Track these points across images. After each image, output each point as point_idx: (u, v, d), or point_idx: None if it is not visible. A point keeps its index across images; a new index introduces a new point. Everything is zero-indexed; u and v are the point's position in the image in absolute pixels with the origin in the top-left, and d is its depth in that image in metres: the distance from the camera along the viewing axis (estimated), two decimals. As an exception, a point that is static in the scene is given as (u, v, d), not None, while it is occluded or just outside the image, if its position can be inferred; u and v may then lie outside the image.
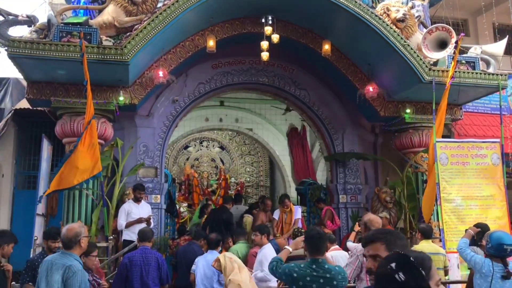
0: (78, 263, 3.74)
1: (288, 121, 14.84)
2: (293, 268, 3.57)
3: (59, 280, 3.60)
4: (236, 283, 4.42)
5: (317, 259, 3.59)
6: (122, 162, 8.24)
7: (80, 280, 3.61)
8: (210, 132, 16.78)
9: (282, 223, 8.50)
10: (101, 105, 7.80)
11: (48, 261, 3.78)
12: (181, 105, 9.40)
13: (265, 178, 17.28)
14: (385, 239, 2.19)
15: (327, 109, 10.12)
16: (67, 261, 3.68)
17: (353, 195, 9.91)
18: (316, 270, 3.53)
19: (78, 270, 3.65)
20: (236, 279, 4.44)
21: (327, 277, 3.51)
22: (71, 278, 3.58)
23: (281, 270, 3.68)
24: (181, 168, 16.48)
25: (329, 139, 10.18)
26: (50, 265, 3.72)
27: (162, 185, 8.99)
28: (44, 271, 3.73)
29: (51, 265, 3.71)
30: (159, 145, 9.16)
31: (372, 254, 2.18)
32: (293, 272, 3.55)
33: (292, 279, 3.55)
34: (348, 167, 10.01)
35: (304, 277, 3.51)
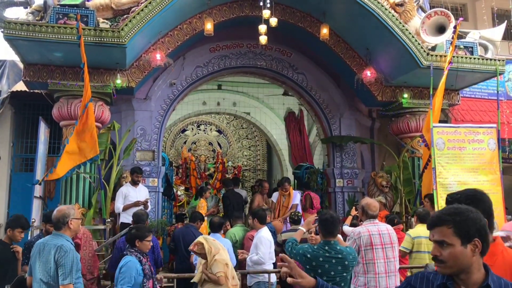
0: (70, 244, 3.74)
1: (285, 105, 14.81)
2: (307, 249, 3.79)
3: (51, 260, 3.61)
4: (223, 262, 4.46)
5: (330, 241, 3.81)
6: (119, 145, 8.23)
7: (72, 260, 3.60)
8: (208, 116, 16.73)
9: (280, 205, 8.54)
10: (98, 88, 7.77)
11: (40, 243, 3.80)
12: (178, 89, 9.36)
13: (263, 162, 17.31)
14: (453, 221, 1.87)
15: (325, 93, 10.11)
16: (58, 241, 3.69)
17: (350, 180, 9.94)
18: (329, 251, 3.75)
19: (70, 249, 3.65)
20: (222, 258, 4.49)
21: (339, 258, 3.73)
22: (63, 258, 3.58)
23: (295, 251, 3.87)
24: (179, 151, 16.47)
25: (326, 123, 10.18)
26: (42, 246, 3.73)
27: (159, 169, 9.00)
28: (36, 253, 3.74)
29: (43, 246, 3.72)
30: (156, 129, 9.15)
31: (437, 240, 1.89)
32: (307, 253, 3.77)
33: (306, 260, 3.75)
34: (345, 151, 10.03)
35: (317, 258, 3.73)
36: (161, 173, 9.10)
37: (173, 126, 16.04)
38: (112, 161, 8.09)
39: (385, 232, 4.48)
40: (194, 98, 14.24)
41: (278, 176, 15.57)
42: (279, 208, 8.55)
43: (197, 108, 14.61)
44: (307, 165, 11.94)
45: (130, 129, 8.66)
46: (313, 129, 14.43)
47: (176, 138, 16.75)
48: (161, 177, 9.13)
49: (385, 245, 4.40)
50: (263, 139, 17.09)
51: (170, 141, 16.59)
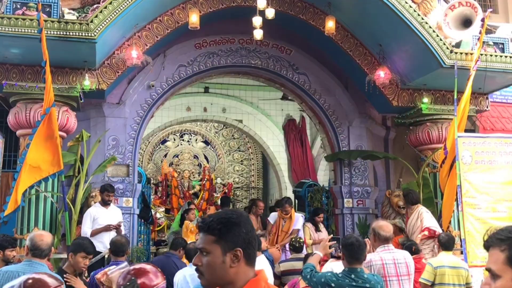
0: None
1: (284, 112, 14.84)
2: (331, 278, 3.89)
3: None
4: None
5: (356, 268, 3.91)
6: (88, 158, 8.19)
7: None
8: (192, 124, 16.75)
9: (278, 230, 8.52)
10: (62, 91, 7.75)
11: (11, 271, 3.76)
12: (158, 92, 9.37)
13: (257, 179, 17.31)
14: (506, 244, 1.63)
15: (331, 97, 10.14)
16: None
17: (360, 199, 9.95)
18: (355, 280, 3.84)
19: None
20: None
21: (366, 287, 3.83)
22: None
23: (316, 279, 3.97)
24: (158, 166, 16.45)
25: (332, 133, 10.22)
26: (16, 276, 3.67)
27: (134, 186, 8.98)
28: None
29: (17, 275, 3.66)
30: (131, 139, 9.15)
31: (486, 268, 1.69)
32: (331, 281, 3.86)
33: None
34: (355, 166, 10.06)
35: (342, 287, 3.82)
36: (137, 191, 9.06)
37: (152, 136, 16.03)
38: (78, 178, 8.07)
39: (401, 261, 4.48)
40: (176, 103, 14.25)
41: (276, 195, 15.57)
42: (277, 233, 8.54)
43: (180, 114, 14.63)
44: (310, 182, 11.95)
45: (101, 139, 8.64)
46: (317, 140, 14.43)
47: (155, 150, 16.73)
48: (136, 197, 9.08)
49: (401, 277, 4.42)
50: (258, 151, 17.10)
51: (147, 153, 16.57)
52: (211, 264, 1.92)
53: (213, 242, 1.92)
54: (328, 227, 10.03)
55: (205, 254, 1.93)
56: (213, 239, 1.93)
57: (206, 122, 16.48)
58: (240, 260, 1.92)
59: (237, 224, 1.94)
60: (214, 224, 1.94)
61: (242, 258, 1.92)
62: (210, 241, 1.93)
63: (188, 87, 10.61)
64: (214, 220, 1.95)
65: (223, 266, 1.91)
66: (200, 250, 1.96)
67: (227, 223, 1.93)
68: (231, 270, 1.91)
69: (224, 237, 1.92)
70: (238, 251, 1.91)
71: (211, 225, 1.94)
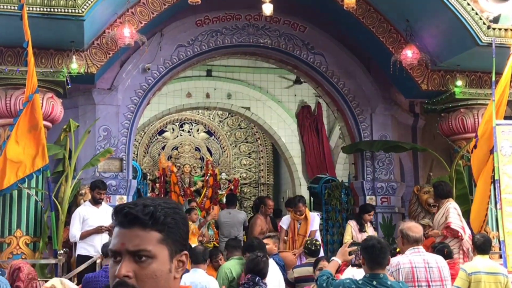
0: None
1: (298, 98, 14.80)
2: (350, 285, 3.91)
3: None
4: None
5: (378, 274, 3.89)
6: (76, 151, 8.21)
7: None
8: (194, 112, 16.70)
9: (294, 234, 8.46)
10: (47, 75, 7.74)
11: None
12: (154, 76, 9.34)
13: (267, 174, 17.28)
14: None
15: (351, 80, 10.09)
16: None
17: (385, 196, 9.91)
18: (377, 287, 3.84)
19: None
20: None
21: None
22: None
23: (333, 287, 4.00)
24: (155, 160, 16.45)
25: (352, 121, 10.18)
26: None
27: (129, 183, 8.98)
28: None
29: None
30: (125, 129, 9.14)
31: None
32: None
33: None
34: (378, 159, 10.01)
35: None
36: (132, 188, 9.07)
37: (148, 126, 16.02)
38: (66, 173, 8.06)
39: (433, 264, 4.49)
40: (175, 89, 14.21)
41: (288, 192, 15.55)
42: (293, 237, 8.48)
43: (180, 101, 14.60)
44: (327, 177, 11.90)
45: (90, 129, 8.64)
46: (335, 129, 14.38)
47: (151, 142, 16.72)
48: (131, 194, 9.08)
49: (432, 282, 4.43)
50: (267, 143, 17.06)
51: (143, 146, 16.57)
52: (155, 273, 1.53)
53: (158, 242, 1.54)
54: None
55: (143, 260, 1.53)
56: (159, 238, 1.54)
57: (209, 110, 16.43)
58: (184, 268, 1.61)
59: (184, 217, 1.63)
60: (160, 215, 1.55)
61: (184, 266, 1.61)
62: (154, 239, 1.54)
63: (188, 70, 10.58)
64: (158, 210, 1.56)
65: (169, 277, 1.56)
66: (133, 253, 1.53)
67: (175, 215, 1.58)
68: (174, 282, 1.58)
69: (172, 235, 1.56)
70: (185, 255, 1.60)
71: (156, 216, 1.55)
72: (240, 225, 9.76)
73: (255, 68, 14.19)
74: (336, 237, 10.43)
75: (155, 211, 1.55)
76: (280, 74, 14.28)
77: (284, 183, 16.75)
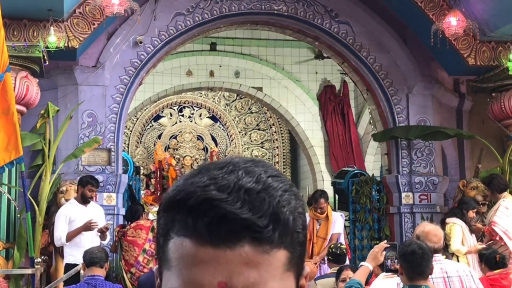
0: None
1: (319, 76, 14.74)
2: None
3: None
4: None
5: (419, 286, 3.88)
6: (56, 141, 8.26)
7: None
8: (195, 94, 16.73)
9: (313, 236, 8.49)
10: (20, 50, 7.76)
11: None
12: (147, 50, 9.38)
13: (283, 167, 17.27)
14: None
15: (383, 54, 10.09)
16: None
17: (424, 193, 9.92)
18: None
19: None
20: None
21: None
22: None
23: None
24: (150, 151, 16.50)
25: (385, 104, 10.19)
26: None
27: (118, 178, 9.05)
28: None
29: None
30: (113, 114, 9.21)
31: None
32: None
33: None
34: (416, 148, 10.03)
35: None
36: (122, 185, 9.15)
37: (141, 110, 16.06)
38: (44, 167, 8.13)
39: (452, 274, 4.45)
40: (173, 66, 14.22)
41: (309, 189, 15.51)
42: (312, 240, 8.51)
43: (178, 81, 14.61)
44: (355, 171, 11.90)
45: (72, 115, 8.69)
46: (364, 113, 14.34)
47: (145, 129, 16.77)
48: (121, 192, 9.17)
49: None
50: (283, 130, 17.06)
51: (136, 134, 16.63)
52: None
53: (285, 268, 0.99)
54: (380, 231, 10.01)
55: None
56: (286, 260, 0.99)
57: (213, 91, 16.42)
58: None
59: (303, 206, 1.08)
60: (287, 215, 0.99)
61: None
62: (280, 266, 0.98)
63: (188, 44, 10.58)
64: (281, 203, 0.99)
65: None
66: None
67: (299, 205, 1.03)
68: None
69: (300, 248, 1.02)
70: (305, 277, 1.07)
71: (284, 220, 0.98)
72: None
73: (268, 41, 14.14)
74: (366, 242, 10.46)
75: (279, 207, 0.98)
76: (298, 47, 14.24)
77: (303, 177, 16.73)
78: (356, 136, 14.44)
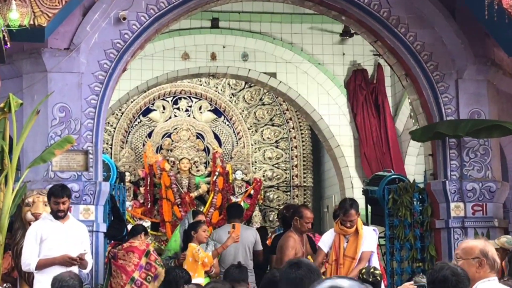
0: None
1: (347, 58, 14.74)
2: None
3: None
4: None
5: None
6: (19, 141, 8.24)
7: None
8: (194, 82, 16.75)
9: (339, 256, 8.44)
10: (-25, 30, 7.79)
11: None
12: (133, 28, 9.42)
13: (304, 172, 17.26)
14: None
15: (427, 31, 10.11)
16: None
17: (479, 203, 9.91)
18: None
19: None
20: None
21: None
22: None
23: None
24: (138, 153, 16.52)
25: (429, 92, 10.20)
26: None
27: (98, 186, 9.06)
28: None
29: None
30: (91, 108, 9.25)
31: None
32: None
33: None
34: (468, 147, 10.01)
35: None
36: (102, 195, 9.17)
37: (126, 103, 16.08)
38: (5, 173, 8.10)
39: None
40: (165, 47, 14.27)
41: (336, 198, 15.52)
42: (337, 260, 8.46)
43: (172, 66, 14.67)
44: (392, 176, 11.85)
45: (40, 109, 8.66)
46: (403, 104, 14.32)
47: (132, 126, 16.79)
48: (101, 203, 9.19)
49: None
50: (303, 125, 17.08)
51: (120, 132, 16.65)
52: None
53: None
54: (423, 251, 9.93)
55: None
56: None
57: (216, 78, 16.45)
58: None
59: None
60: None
61: None
62: None
63: (184, 20, 10.56)
64: None
65: None
66: None
67: None
68: None
69: None
70: None
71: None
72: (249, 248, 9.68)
73: (282, 15, 14.16)
74: (406, 264, 10.44)
75: None
76: (320, 23, 14.20)
77: (328, 185, 16.76)
78: (393, 133, 14.42)
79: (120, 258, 8.78)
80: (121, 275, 8.70)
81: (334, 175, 15.79)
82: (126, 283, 8.76)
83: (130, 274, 8.73)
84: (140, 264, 8.76)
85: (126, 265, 8.71)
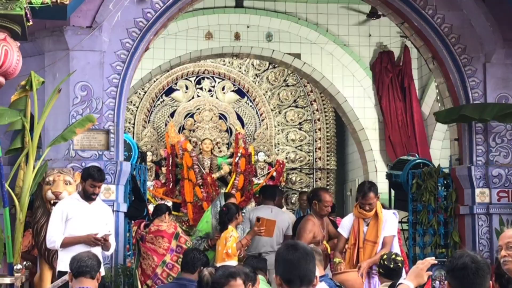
0: None
1: (373, 39, 14.70)
2: None
3: None
4: None
5: None
6: (41, 119, 8.29)
7: None
8: (217, 62, 16.75)
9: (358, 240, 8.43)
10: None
11: None
12: (155, 7, 9.40)
13: (327, 154, 17.24)
14: None
15: (455, 13, 10.06)
16: None
17: (505, 189, 9.87)
18: None
19: None
20: None
21: None
22: None
23: None
24: (160, 133, 16.55)
25: (456, 76, 10.16)
26: None
27: (119, 166, 9.09)
28: None
29: None
30: (113, 87, 9.24)
31: None
32: None
33: None
34: (495, 132, 9.99)
35: None
36: (123, 175, 9.19)
37: (149, 82, 16.11)
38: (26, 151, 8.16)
39: None
40: (189, 27, 14.27)
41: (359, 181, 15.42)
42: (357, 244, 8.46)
43: (195, 46, 14.67)
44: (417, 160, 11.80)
45: (61, 87, 8.71)
46: (430, 87, 14.25)
47: (155, 106, 16.83)
48: (123, 183, 9.21)
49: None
50: (328, 108, 17.08)
51: (142, 112, 16.69)
52: None
53: None
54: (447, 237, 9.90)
55: None
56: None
57: (239, 58, 16.43)
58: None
59: None
60: None
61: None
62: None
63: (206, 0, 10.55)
64: None
65: None
66: None
67: None
68: None
69: None
70: None
71: None
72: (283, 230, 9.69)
73: (308, -5, 14.11)
74: (429, 250, 10.41)
75: None
76: (346, 3, 14.13)
77: (352, 168, 16.76)
78: (419, 116, 14.35)
79: (148, 241, 8.83)
80: (152, 257, 8.76)
81: (358, 158, 15.78)
82: (157, 265, 8.81)
83: (161, 257, 8.79)
84: (171, 247, 8.81)
85: (157, 249, 8.76)
